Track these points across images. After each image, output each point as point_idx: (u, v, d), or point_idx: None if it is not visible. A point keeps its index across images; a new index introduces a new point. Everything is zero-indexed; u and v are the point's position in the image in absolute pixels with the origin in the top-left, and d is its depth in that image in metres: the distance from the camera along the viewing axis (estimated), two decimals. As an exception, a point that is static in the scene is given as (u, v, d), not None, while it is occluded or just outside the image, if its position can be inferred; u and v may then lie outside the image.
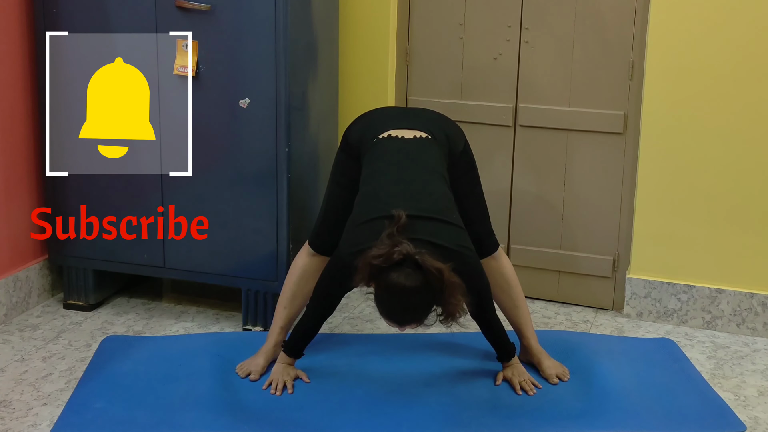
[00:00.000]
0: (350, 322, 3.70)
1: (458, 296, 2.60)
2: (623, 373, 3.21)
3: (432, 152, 2.96)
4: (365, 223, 2.78)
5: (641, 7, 3.60)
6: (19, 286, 3.68)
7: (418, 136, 2.98)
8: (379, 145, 2.97)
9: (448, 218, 2.79)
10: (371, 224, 2.75)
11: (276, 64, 3.32)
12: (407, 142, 2.96)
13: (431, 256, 2.59)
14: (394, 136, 2.97)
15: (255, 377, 3.12)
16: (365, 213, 2.81)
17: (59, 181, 3.61)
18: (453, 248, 2.73)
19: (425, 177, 2.88)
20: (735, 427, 2.91)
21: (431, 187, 2.86)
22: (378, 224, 2.71)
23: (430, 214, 2.75)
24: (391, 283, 2.58)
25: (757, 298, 3.62)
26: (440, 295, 2.60)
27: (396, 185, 2.84)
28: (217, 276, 3.58)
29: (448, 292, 2.58)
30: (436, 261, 2.59)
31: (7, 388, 3.09)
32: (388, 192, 2.83)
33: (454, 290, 2.59)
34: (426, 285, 2.58)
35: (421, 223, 2.71)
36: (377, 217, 2.74)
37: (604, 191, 3.80)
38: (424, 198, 2.80)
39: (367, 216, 2.79)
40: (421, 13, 3.90)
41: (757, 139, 3.51)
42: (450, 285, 2.58)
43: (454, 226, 2.80)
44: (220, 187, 3.48)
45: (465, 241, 2.81)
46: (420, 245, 2.63)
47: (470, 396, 3.03)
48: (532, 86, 3.81)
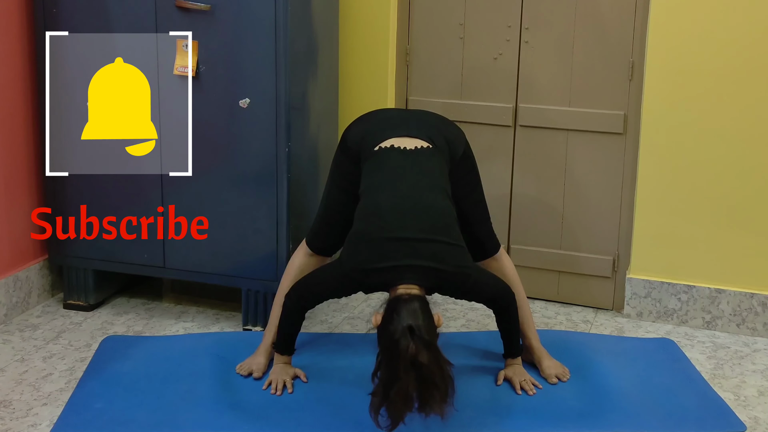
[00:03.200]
0: (350, 322, 3.70)
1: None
2: (623, 373, 3.21)
3: (433, 163, 3.00)
4: (367, 242, 2.85)
5: (641, 7, 3.60)
6: (19, 286, 3.68)
7: (419, 147, 3.00)
8: (379, 155, 3.00)
9: (447, 238, 2.86)
10: (373, 244, 2.83)
11: (276, 64, 3.32)
12: (408, 155, 2.98)
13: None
14: (395, 147, 2.99)
15: (258, 375, 3.12)
16: (367, 231, 2.87)
17: (59, 181, 3.61)
18: (452, 270, 2.82)
19: (426, 193, 2.92)
20: (735, 427, 2.91)
21: (432, 203, 2.90)
22: (379, 245, 2.81)
23: (430, 236, 2.82)
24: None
25: (757, 298, 3.62)
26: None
27: (396, 201, 2.88)
28: (217, 276, 3.58)
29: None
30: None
31: (7, 388, 3.09)
32: (388, 209, 2.87)
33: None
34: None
35: (421, 246, 2.79)
36: (378, 238, 2.82)
37: (604, 191, 3.80)
38: (425, 217, 2.86)
39: (368, 235, 2.86)
40: (421, 13, 3.90)
41: (757, 139, 3.51)
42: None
43: (453, 246, 2.86)
44: (220, 187, 3.48)
45: (464, 260, 2.89)
46: (421, 271, 2.76)
47: (470, 396, 3.03)
48: (532, 86, 3.80)
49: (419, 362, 2.57)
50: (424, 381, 2.58)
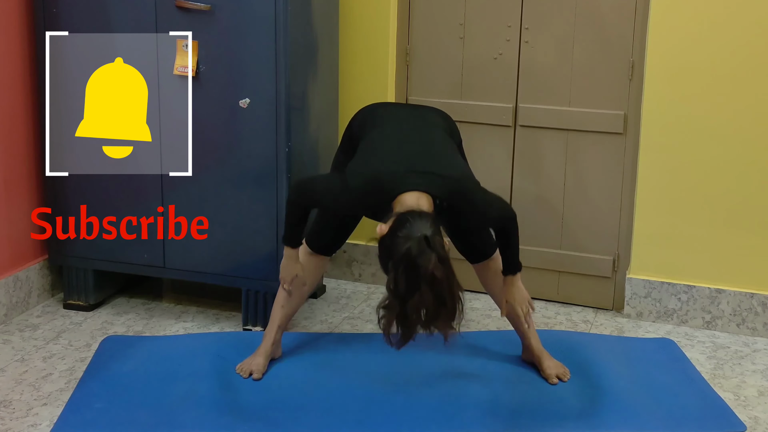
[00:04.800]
0: (350, 322, 3.70)
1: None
2: (623, 373, 3.21)
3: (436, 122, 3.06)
4: (367, 160, 2.86)
5: (641, 7, 3.60)
6: (19, 286, 3.68)
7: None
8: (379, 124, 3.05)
9: (452, 153, 2.90)
10: (375, 158, 2.84)
11: (276, 64, 3.32)
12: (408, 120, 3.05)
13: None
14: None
15: (258, 376, 3.12)
16: (366, 158, 2.88)
17: (59, 181, 3.61)
18: (458, 177, 2.80)
19: (426, 130, 2.96)
20: (735, 427, 2.91)
21: (434, 137, 2.94)
22: (380, 160, 2.80)
23: (434, 151, 2.85)
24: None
25: (757, 298, 3.62)
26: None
27: (398, 136, 2.92)
28: (217, 276, 3.58)
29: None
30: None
31: (7, 388, 3.09)
32: (388, 140, 2.90)
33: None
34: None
35: (425, 157, 2.81)
36: (380, 157, 2.81)
37: (604, 191, 3.80)
38: (427, 143, 2.88)
39: (369, 157, 2.86)
40: (421, 13, 3.90)
41: (757, 139, 3.51)
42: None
43: (458, 159, 2.90)
44: (220, 187, 3.48)
45: (470, 172, 2.90)
46: (425, 176, 2.72)
47: (470, 396, 3.03)
48: (532, 86, 3.80)
49: (435, 276, 2.50)
50: (438, 297, 2.51)
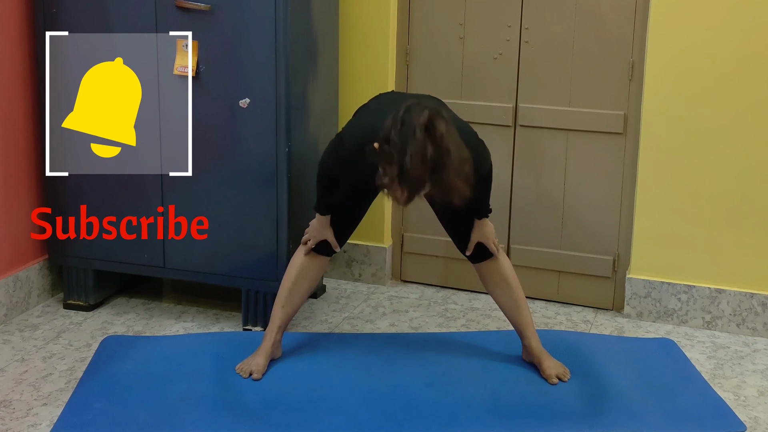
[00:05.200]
0: (350, 322, 3.70)
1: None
2: (623, 373, 3.21)
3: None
4: (360, 124, 2.93)
5: (641, 7, 3.60)
6: (19, 286, 3.68)
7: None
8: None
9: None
10: (366, 125, 2.85)
11: (276, 64, 3.32)
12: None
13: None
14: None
15: (258, 376, 3.12)
16: (358, 119, 2.95)
17: (59, 181, 3.61)
18: (454, 118, 2.81)
19: (418, 95, 2.99)
20: (735, 427, 2.91)
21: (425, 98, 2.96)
22: (373, 126, 2.72)
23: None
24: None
25: (757, 298, 3.62)
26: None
27: (389, 100, 2.94)
28: (217, 276, 3.58)
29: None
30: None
31: (7, 388, 3.09)
32: (381, 107, 2.89)
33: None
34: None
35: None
36: (372, 123, 2.77)
37: (604, 191, 3.80)
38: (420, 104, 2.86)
39: (359, 122, 2.93)
40: (421, 13, 3.90)
41: (757, 139, 3.51)
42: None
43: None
44: (220, 187, 3.48)
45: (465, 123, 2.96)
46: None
47: (470, 396, 3.03)
48: (532, 86, 3.80)
49: (435, 127, 2.54)
50: (438, 147, 2.54)
